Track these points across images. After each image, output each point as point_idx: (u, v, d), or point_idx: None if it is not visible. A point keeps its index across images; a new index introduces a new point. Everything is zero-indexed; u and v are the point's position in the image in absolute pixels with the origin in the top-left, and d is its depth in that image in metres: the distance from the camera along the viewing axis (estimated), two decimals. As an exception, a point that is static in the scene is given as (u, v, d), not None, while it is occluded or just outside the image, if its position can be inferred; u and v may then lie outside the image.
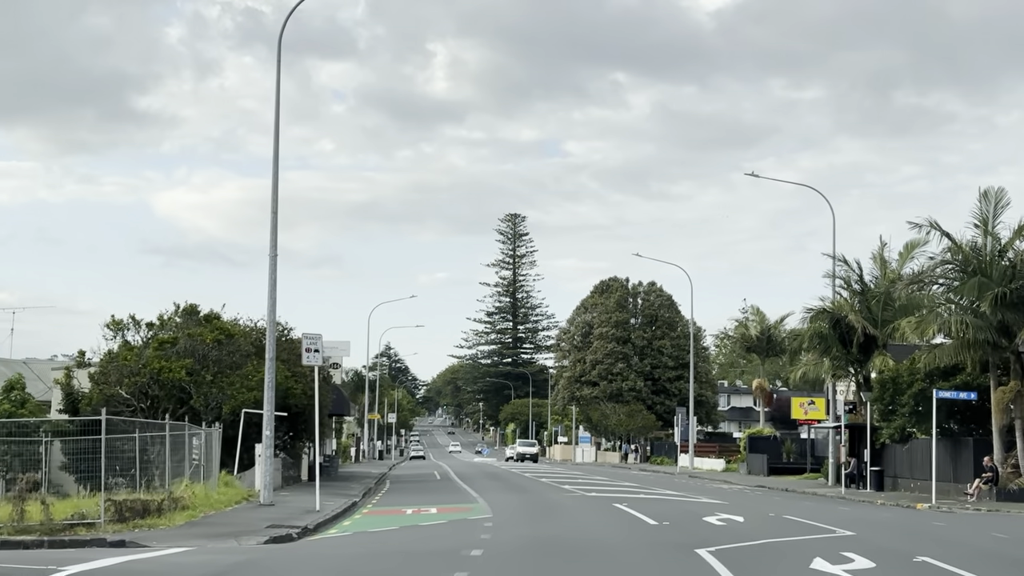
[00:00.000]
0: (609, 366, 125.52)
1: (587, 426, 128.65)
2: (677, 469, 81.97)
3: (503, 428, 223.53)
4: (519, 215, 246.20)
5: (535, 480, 58.61)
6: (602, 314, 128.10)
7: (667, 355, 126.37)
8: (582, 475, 68.14)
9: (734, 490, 53.49)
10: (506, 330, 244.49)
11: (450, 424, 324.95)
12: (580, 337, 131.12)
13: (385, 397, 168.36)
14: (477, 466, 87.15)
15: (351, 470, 73.57)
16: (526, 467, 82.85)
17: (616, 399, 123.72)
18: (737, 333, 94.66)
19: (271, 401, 34.57)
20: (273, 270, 35.62)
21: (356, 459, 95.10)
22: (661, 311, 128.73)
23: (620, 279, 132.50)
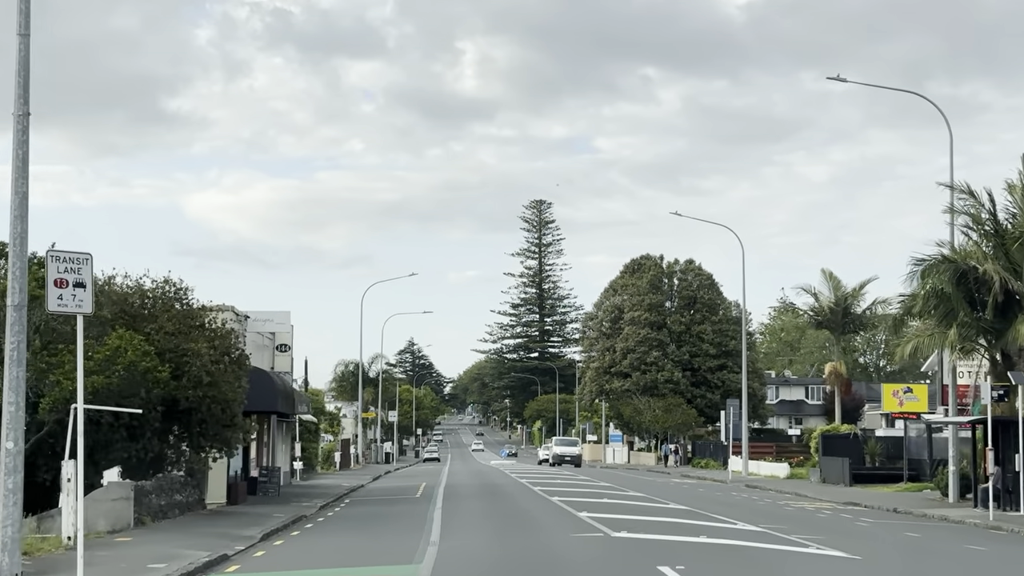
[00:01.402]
0: (642, 355, 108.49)
1: (618, 423, 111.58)
2: (729, 475, 65.05)
3: (529, 426, 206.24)
4: (544, 201, 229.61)
5: (543, 498, 41.77)
6: (633, 296, 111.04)
7: (708, 341, 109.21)
8: (610, 487, 51.35)
9: (828, 515, 36.56)
10: (532, 323, 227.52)
11: (477, 422, 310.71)
12: (609, 323, 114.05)
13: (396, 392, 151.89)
14: (486, 474, 70.31)
15: (316, 483, 57.13)
16: (550, 476, 65.41)
17: (650, 392, 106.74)
18: (805, 305, 77.13)
19: (14, 386, 17.76)
20: (22, 140, 19.02)
21: (344, 465, 78.63)
22: (700, 292, 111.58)
23: (653, 256, 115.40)
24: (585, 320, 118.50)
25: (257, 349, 45.14)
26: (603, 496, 42.93)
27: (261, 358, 45.49)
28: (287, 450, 54.71)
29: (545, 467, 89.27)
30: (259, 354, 45.18)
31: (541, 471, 73.30)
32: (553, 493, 44.07)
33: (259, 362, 44.61)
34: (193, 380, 32.79)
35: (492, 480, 59.31)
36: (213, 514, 34.52)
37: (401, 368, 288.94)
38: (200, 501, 35.54)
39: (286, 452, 54.57)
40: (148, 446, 32.72)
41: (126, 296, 34.68)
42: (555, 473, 69.46)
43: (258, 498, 42.38)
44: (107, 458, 30.99)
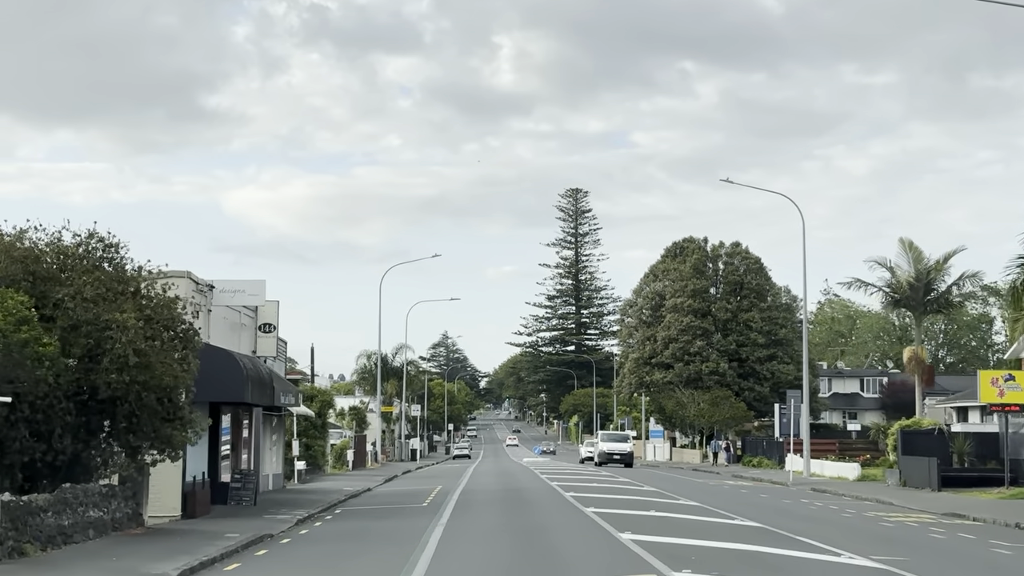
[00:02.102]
0: (685, 344, 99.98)
1: (659, 418, 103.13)
2: (789, 476, 56.52)
3: (566, 421, 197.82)
4: (581, 190, 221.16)
5: (576, 509, 33.50)
6: (676, 281, 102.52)
7: (756, 330, 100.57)
8: (658, 493, 43.07)
9: (944, 536, 28.11)
10: (568, 315, 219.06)
11: (513, 417, 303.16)
12: (649, 311, 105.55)
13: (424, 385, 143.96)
14: (514, 475, 62.05)
15: (314, 487, 49.08)
16: (586, 477, 56.85)
17: (694, 384, 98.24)
18: (880, 281, 68.17)
19: None
20: None
21: (358, 464, 70.63)
22: (748, 277, 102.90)
23: (696, 239, 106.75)
24: (623, 308, 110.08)
25: (232, 329, 37.18)
26: (650, 506, 34.60)
27: (237, 339, 37.51)
28: (279, 449, 46.73)
29: (588, 467, 76.98)
30: (234, 335, 37.20)
31: (578, 471, 64.72)
32: (589, 502, 35.81)
33: (234, 343, 36.66)
34: (116, 361, 24.86)
35: (519, 483, 51.06)
36: (146, 535, 26.48)
37: (435, 362, 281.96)
38: (134, 517, 27.47)
39: (277, 451, 46.61)
40: (58, 447, 24.87)
41: (38, 255, 26.77)
42: (591, 474, 61.04)
43: (228, 509, 34.39)
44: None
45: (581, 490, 42.60)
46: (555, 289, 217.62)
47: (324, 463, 61.09)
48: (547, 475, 57.92)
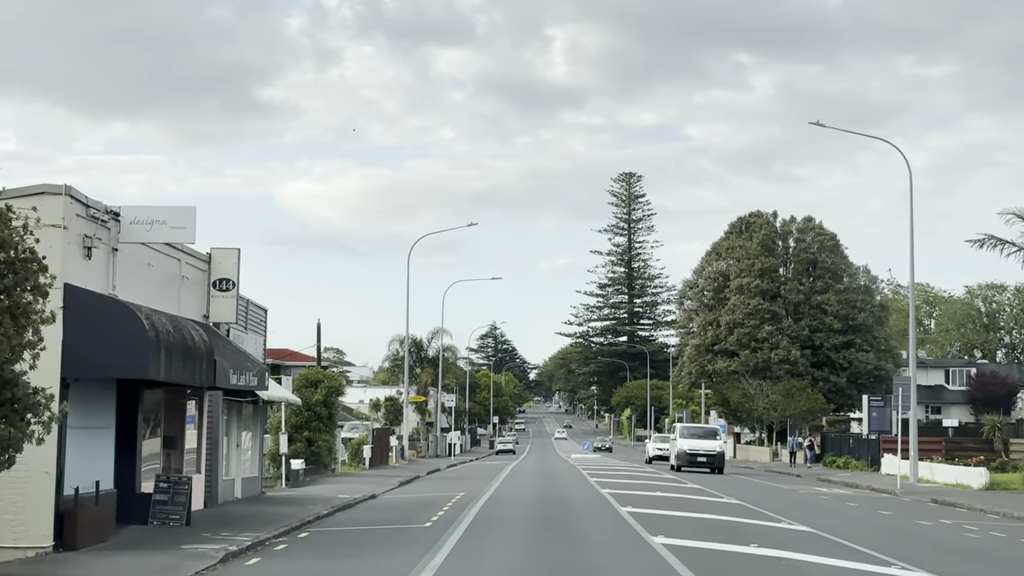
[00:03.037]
0: (752, 330, 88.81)
1: (723, 411, 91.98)
2: (896, 483, 45.44)
3: (617, 414, 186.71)
4: (634, 174, 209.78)
5: (636, 537, 22.80)
6: (742, 260, 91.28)
7: (832, 314, 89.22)
8: (745, 509, 32.27)
9: None
10: (620, 304, 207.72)
11: (563, 411, 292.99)
12: (712, 292, 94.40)
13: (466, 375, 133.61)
14: (558, 477, 51.23)
15: (300, 493, 38.51)
16: (647, 483, 44.97)
17: (761, 374, 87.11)
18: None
19: None
20: None
21: (378, 462, 60.14)
22: (822, 255, 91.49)
23: (764, 213, 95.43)
24: (682, 290, 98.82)
25: (167, 283, 26.77)
26: (745, 535, 23.76)
27: (175, 297, 27.09)
28: (255, 446, 36.28)
29: (656, 469, 59.28)
30: (168, 291, 26.77)
31: (638, 474, 52.94)
32: (654, 523, 25.12)
33: (169, 302, 26.29)
34: None
35: (562, 490, 40.24)
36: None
37: (482, 353, 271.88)
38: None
39: (253, 449, 36.15)
40: None
41: None
42: (653, 477, 49.91)
43: (142, 532, 23.98)
44: None
45: (642, 504, 31.82)
46: (607, 277, 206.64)
47: (331, 461, 50.75)
48: (599, 478, 47.12)
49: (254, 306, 35.47)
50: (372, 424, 65.80)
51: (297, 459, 45.36)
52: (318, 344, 54.44)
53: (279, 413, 49.49)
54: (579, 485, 42.72)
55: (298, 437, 48.51)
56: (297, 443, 48.30)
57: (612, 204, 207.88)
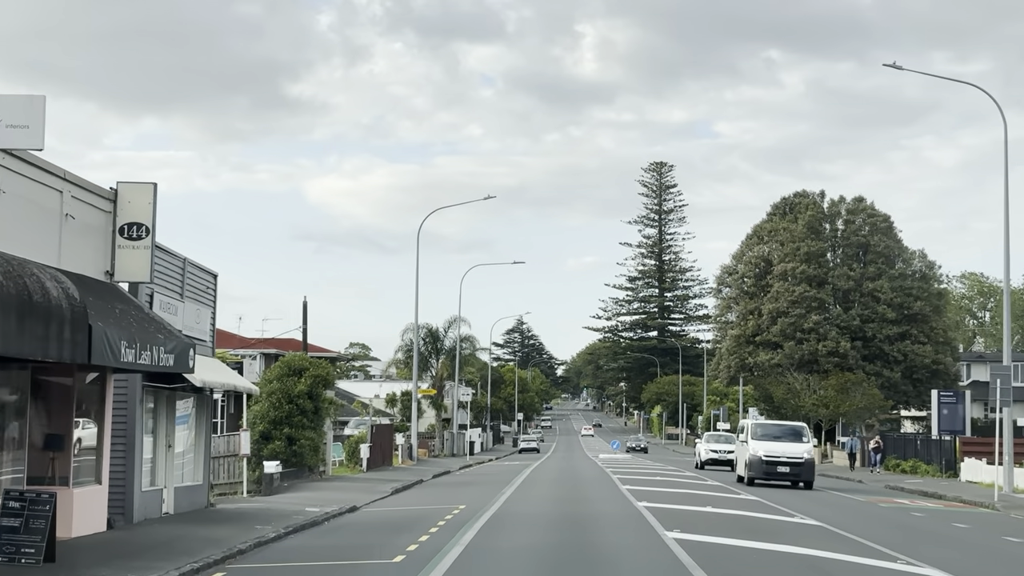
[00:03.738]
0: (797, 319, 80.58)
1: (765, 408, 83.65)
2: (994, 494, 37.26)
3: (647, 412, 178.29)
4: (665, 163, 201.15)
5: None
6: (786, 243, 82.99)
7: (885, 302, 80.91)
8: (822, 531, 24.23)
9: None
10: (651, 298, 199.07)
11: (591, 408, 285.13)
12: (752, 278, 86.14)
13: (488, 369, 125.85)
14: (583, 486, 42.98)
15: (263, 504, 30.50)
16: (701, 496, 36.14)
17: (807, 368, 79.00)
18: None
19: None
20: None
21: (379, 463, 52.23)
22: (874, 238, 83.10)
23: (810, 193, 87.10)
24: (720, 276, 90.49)
25: (41, 222, 18.95)
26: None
27: (54, 243, 19.30)
28: (199, 446, 28.35)
29: (705, 476, 47.22)
30: (46, 235, 18.93)
31: (682, 481, 43.57)
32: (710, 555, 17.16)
33: (46, 251, 18.52)
34: None
35: (587, 504, 32.08)
36: None
37: (508, 348, 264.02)
38: None
39: (196, 450, 28.24)
40: None
41: None
42: (699, 485, 41.65)
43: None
44: None
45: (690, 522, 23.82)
46: (637, 270, 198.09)
47: (318, 463, 42.94)
48: (633, 486, 39.02)
49: (195, 268, 27.56)
50: (371, 420, 57.92)
51: (273, 460, 37.51)
52: (304, 326, 46.51)
53: (259, 406, 41.87)
54: (609, 496, 34.65)
55: (277, 435, 40.73)
56: (275, 442, 40.53)
57: (642, 195, 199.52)
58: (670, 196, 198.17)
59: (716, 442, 61.79)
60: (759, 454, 41.57)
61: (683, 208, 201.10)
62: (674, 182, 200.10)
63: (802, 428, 44.81)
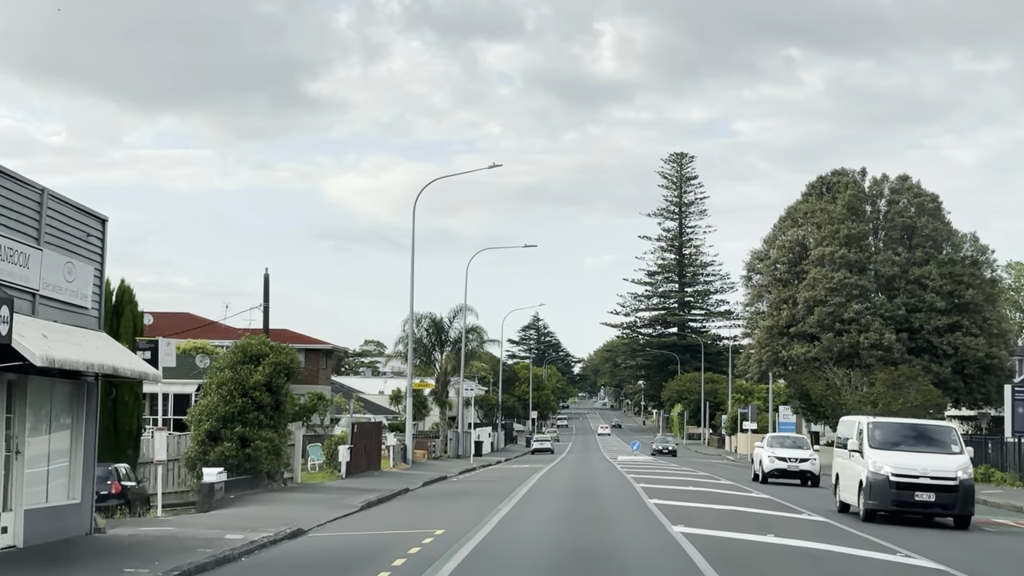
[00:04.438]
0: (836, 309, 72.52)
1: (801, 406, 75.60)
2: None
3: (667, 410, 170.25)
4: (686, 154, 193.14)
5: None
6: (824, 225, 74.89)
7: (933, 290, 72.78)
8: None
9: None
10: (670, 293, 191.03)
11: (609, 407, 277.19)
12: (786, 264, 78.11)
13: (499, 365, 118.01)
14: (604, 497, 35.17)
15: (186, 529, 22.74)
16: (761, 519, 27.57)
17: (847, 362, 71.00)
18: None
19: None
20: None
21: (362, 467, 44.35)
22: (920, 220, 74.95)
23: (849, 171, 78.97)
24: (750, 262, 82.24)
25: None
26: None
27: None
28: (77, 449, 20.55)
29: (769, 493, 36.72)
30: None
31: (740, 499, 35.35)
32: None
33: None
34: None
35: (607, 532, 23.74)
36: None
37: (524, 345, 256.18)
38: None
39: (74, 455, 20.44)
40: None
41: None
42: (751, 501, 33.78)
43: None
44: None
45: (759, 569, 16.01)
46: (656, 264, 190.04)
47: (279, 468, 35.16)
48: (664, 500, 31.15)
49: (65, 206, 19.68)
50: (352, 416, 50.10)
51: (216, 467, 29.80)
52: (265, 304, 38.49)
53: (207, 399, 34.13)
54: (634, 516, 26.71)
55: (227, 434, 32.99)
56: (225, 443, 32.79)
57: (662, 187, 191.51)
58: (691, 188, 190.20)
59: (783, 446, 46.57)
60: (884, 471, 26.59)
61: (704, 200, 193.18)
62: (695, 173, 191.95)
63: (948, 431, 29.51)
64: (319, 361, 78.79)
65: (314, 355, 78.66)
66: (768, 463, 44.86)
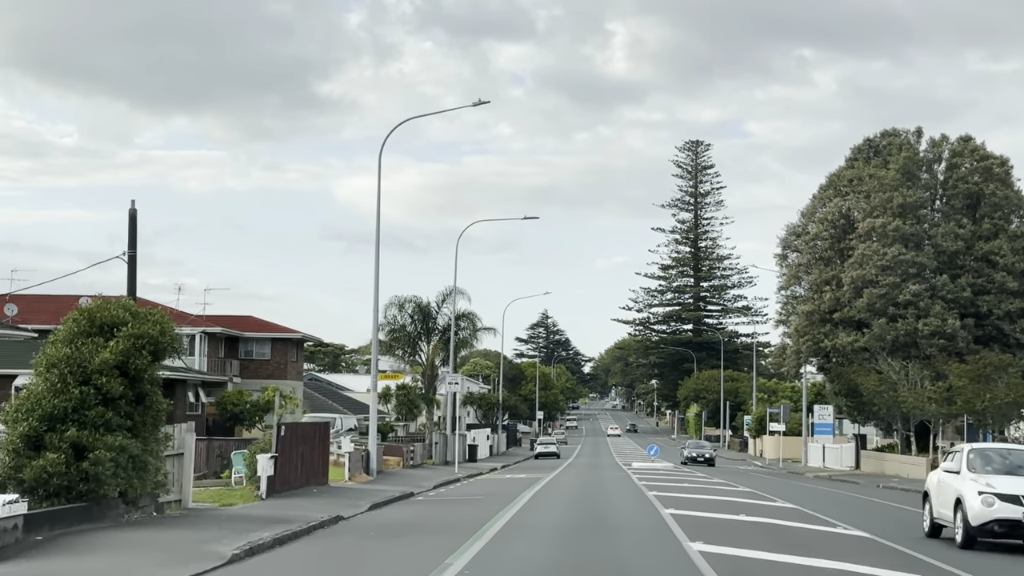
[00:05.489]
0: (889, 290, 60.94)
1: (847, 403, 63.86)
2: None
3: (683, 411, 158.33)
4: (701, 142, 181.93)
5: None
6: (874, 194, 63.28)
7: (1002, 268, 61.20)
8: None
9: None
10: (685, 287, 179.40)
11: (620, 408, 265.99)
12: (829, 240, 66.47)
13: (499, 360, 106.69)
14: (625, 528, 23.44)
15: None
16: None
17: (904, 352, 59.53)
18: None
19: None
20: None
21: (294, 483, 32.94)
22: (988, 187, 63.27)
23: (902, 131, 67.30)
24: (786, 238, 70.37)
25: None
26: None
27: None
28: None
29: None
30: None
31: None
32: None
33: None
34: None
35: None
36: None
37: (533, 344, 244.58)
38: None
39: None
40: None
41: None
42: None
43: None
44: None
45: None
46: (670, 257, 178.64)
47: (147, 489, 23.85)
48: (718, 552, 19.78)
49: None
50: (279, 416, 38.58)
51: (8, 495, 18.44)
52: (131, 252, 26.68)
53: (32, 386, 22.74)
54: None
55: (53, 440, 21.54)
56: (49, 453, 21.35)
57: (677, 176, 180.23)
58: (706, 178, 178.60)
59: (1009, 473, 20.77)
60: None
61: (720, 191, 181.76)
62: (711, 162, 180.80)
63: None
64: (287, 352, 67.50)
65: (281, 345, 67.41)
66: (977, 506, 19.97)
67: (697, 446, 75.76)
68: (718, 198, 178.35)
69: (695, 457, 70.93)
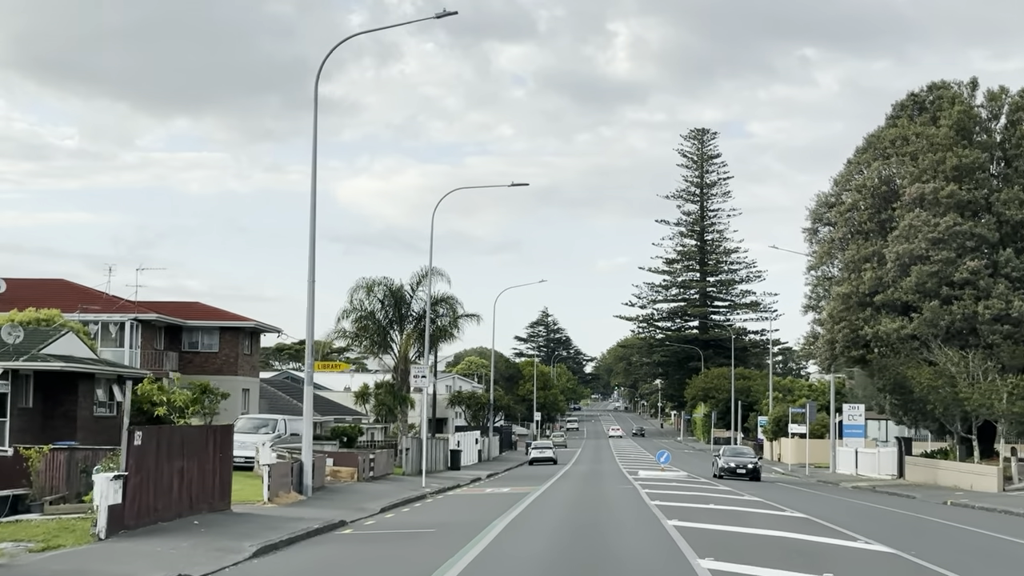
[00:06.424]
0: (943, 268, 50.95)
1: (895, 401, 53.70)
2: None
3: (689, 411, 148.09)
4: (708, 130, 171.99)
5: None
6: (923, 155, 53.26)
7: (1076, 241, 51.21)
8: None
9: None
10: (691, 282, 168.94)
11: (623, 408, 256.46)
12: (868, 211, 56.33)
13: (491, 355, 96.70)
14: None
15: None
16: None
17: (962, 340, 49.66)
18: None
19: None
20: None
21: (183, 507, 23.26)
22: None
23: (953, 85, 57.20)
24: (816, 209, 60.11)
25: None
26: None
27: None
28: None
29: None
30: None
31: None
32: None
33: None
34: None
35: None
36: None
37: (533, 343, 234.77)
38: None
39: None
40: None
41: None
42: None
43: None
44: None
45: None
46: (675, 251, 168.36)
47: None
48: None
49: None
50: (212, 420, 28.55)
51: None
52: None
53: None
54: None
55: None
56: None
57: (682, 166, 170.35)
58: (713, 167, 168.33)
59: None
60: None
61: (727, 181, 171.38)
62: (718, 151, 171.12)
63: None
64: (238, 344, 57.52)
65: (231, 336, 57.45)
66: None
67: (735, 453, 56.71)
68: (725, 189, 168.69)
69: (734, 468, 53.52)
